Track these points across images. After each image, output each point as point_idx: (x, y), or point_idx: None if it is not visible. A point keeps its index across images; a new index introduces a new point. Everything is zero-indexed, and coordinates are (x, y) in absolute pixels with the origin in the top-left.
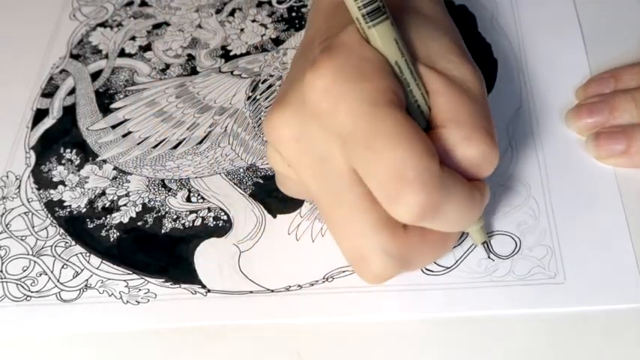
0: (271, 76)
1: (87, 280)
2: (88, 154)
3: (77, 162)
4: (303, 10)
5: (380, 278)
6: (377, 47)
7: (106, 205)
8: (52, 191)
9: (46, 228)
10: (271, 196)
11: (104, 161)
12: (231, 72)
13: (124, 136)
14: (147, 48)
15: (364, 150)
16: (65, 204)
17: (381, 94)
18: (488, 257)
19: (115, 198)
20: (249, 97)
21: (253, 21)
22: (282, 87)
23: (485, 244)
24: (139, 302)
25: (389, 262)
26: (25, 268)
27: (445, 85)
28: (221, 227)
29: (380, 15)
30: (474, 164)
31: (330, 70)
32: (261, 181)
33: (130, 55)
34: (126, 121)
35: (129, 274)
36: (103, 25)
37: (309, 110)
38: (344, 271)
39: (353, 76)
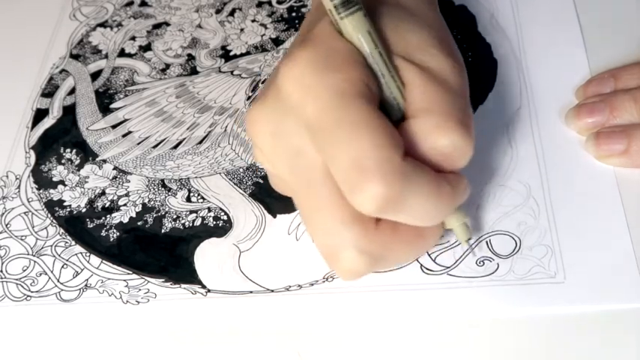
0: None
1: (87, 280)
2: (88, 154)
3: (77, 162)
4: (303, 10)
5: (353, 274)
6: (349, 39)
7: (106, 205)
8: (52, 191)
9: (46, 228)
10: (271, 196)
11: (104, 161)
12: (231, 72)
13: (124, 135)
14: (147, 48)
15: (328, 141)
16: (65, 204)
17: (349, 85)
18: (473, 254)
19: (115, 198)
20: (249, 97)
21: (253, 21)
22: (265, 84)
23: (469, 242)
24: (139, 302)
25: (360, 257)
26: (25, 268)
27: (420, 76)
28: (221, 227)
29: (352, 6)
30: (445, 154)
31: (301, 62)
32: (261, 181)
33: (130, 55)
34: (126, 120)
35: (129, 274)
36: (103, 25)
37: (284, 103)
38: None
39: (322, 67)
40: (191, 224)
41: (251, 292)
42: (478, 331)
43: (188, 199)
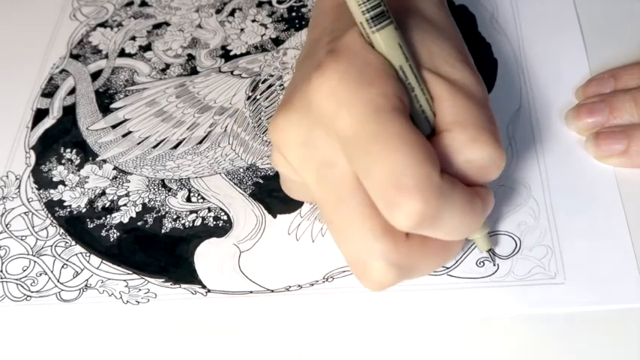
0: (271, 76)
1: (87, 280)
2: (88, 154)
3: (77, 162)
4: (303, 10)
5: (381, 285)
6: (381, 52)
7: (106, 205)
8: (52, 191)
9: (46, 228)
10: (271, 196)
11: (104, 161)
12: (232, 72)
13: (124, 135)
14: (147, 48)
15: (365, 154)
16: (65, 204)
17: (385, 100)
18: (493, 264)
19: (115, 198)
20: (249, 97)
21: (253, 21)
22: (288, 89)
23: (491, 252)
24: (139, 302)
25: (390, 269)
26: (25, 268)
27: (449, 89)
28: (221, 227)
29: (384, 19)
30: (480, 167)
31: (335, 74)
32: (261, 181)
33: (130, 55)
34: (126, 120)
35: (129, 274)
36: (103, 25)
37: (315, 114)
38: (344, 271)
39: (357, 81)
40: (191, 224)
41: (251, 292)
42: (478, 331)
43: (188, 199)
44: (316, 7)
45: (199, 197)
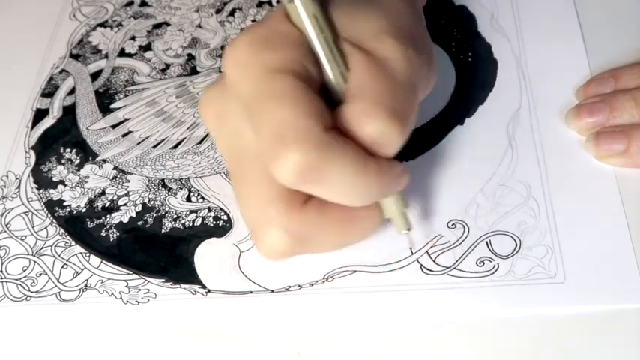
0: None
1: (87, 280)
2: (88, 154)
3: (77, 162)
4: None
5: (276, 252)
6: (296, 22)
7: (106, 205)
8: (52, 191)
9: (46, 228)
10: None
11: (104, 161)
12: None
13: (124, 135)
14: (147, 48)
15: (256, 113)
16: (65, 204)
17: (282, 63)
18: (411, 251)
19: (115, 198)
20: None
21: (253, 21)
22: None
23: (408, 234)
24: (139, 302)
25: (284, 236)
26: (25, 268)
27: (364, 62)
28: (221, 227)
29: None
30: (372, 140)
31: (242, 43)
32: None
33: (130, 55)
34: (126, 120)
35: (129, 274)
36: (103, 25)
37: (228, 86)
38: (344, 271)
39: (260, 47)
40: (191, 224)
41: (251, 292)
42: (478, 331)
43: (188, 199)
44: None
45: (199, 197)
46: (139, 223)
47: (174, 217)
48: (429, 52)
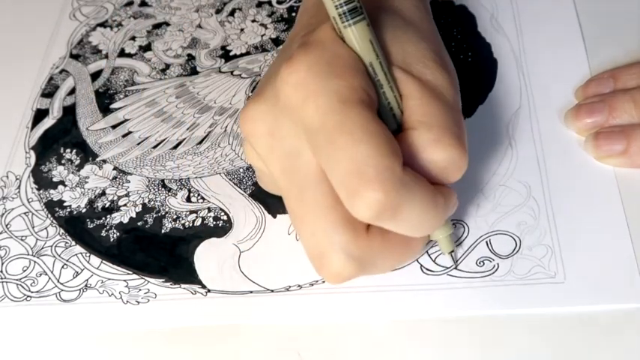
0: None
1: (87, 280)
2: (88, 154)
3: (77, 162)
4: None
5: (339, 277)
6: (352, 47)
7: (106, 205)
8: (52, 191)
9: (46, 228)
10: (271, 196)
11: (104, 161)
12: (231, 72)
13: (124, 136)
14: (147, 48)
15: (328, 145)
16: (65, 204)
17: (351, 92)
18: (455, 267)
19: (115, 198)
20: (249, 97)
21: (253, 21)
22: (261, 81)
23: (452, 254)
24: (139, 302)
25: (348, 262)
26: (25, 268)
27: (418, 88)
28: (221, 227)
29: (356, 15)
30: (442, 168)
31: (304, 66)
32: None
33: (130, 55)
34: (126, 121)
35: (129, 274)
36: (103, 25)
37: (282, 104)
38: None
39: (325, 73)
40: (191, 224)
41: (251, 292)
42: (478, 331)
43: (188, 200)
44: (301, 6)
45: (199, 197)
46: (139, 224)
47: (174, 217)
48: (453, 70)
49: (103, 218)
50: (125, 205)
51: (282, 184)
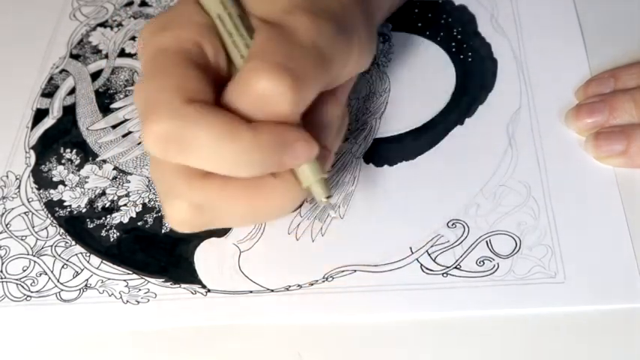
0: None
1: (87, 280)
2: (88, 154)
3: (77, 162)
4: None
5: (181, 223)
6: (201, 2)
7: (106, 205)
8: (52, 191)
9: (46, 228)
10: None
11: (104, 161)
12: None
13: (124, 136)
14: None
15: (140, 86)
16: (65, 204)
17: (172, 41)
18: (340, 216)
19: (115, 198)
20: None
21: None
22: None
23: (328, 200)
24: (139, 302)
25: (186, 207)
26: (25, 268)
27: (265, 28)
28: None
29: None
30: (259, 97)
31: (148, 25)
32: None
33: (130, 55)
34: (126, 121)
35: (129, 274)
36: (103, 25)
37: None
38: (344, 271)
39: (159, 28)
40: None
41: (251, 292)
42: (478, 331)
43: None
44: None
45: None
46: (139, 224)
47: None
48: (360, 36)
49: (103, 218)
50: (125, 205)
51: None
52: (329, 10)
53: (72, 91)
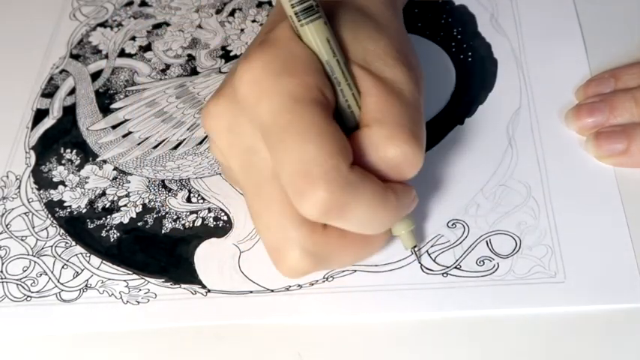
0: None
1: (87, 280)
2: (88, 155)
3: (77, 162)
4: None
5: (295, 272)
6: (309, 45)
7: (106, 206)
8: (52, 191)
9: (46, 228)
10: None
11: (104, 161)
12: None
13: (124, 136)
14: (147, 48)
15: (278, 144)
16: (65, 204)
17: (303, 91)
18: (418, 262)
19: (115, 198)
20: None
21: (253, 21)
22: (224, 79)
23: (415, 250)
24: (139, 302)
25: (304, 257)
26: (25, 269)
27: (375, 85)
28: (221, 227)
29: (312, 14)
30: (395, 164)
31: (259, 64)
32: None
33: (130, 55)
34: (126, 121)
35: (129, 274)
36: (103, 25)
37: (239, 102)
38: (344, 271)
39: (280, 71)
40: (191, 225)
41: (251, 292)
42: (478, 331)
43: (188, 200)
44: (275, 5)
45: (199, 198)
46: (139, 224)
47: (175, 217)
48: (418, 64)
49: (104, 218)
50: (125, 205)
51: (241, 179)
52: (406, 51)
53: (72, 92)
